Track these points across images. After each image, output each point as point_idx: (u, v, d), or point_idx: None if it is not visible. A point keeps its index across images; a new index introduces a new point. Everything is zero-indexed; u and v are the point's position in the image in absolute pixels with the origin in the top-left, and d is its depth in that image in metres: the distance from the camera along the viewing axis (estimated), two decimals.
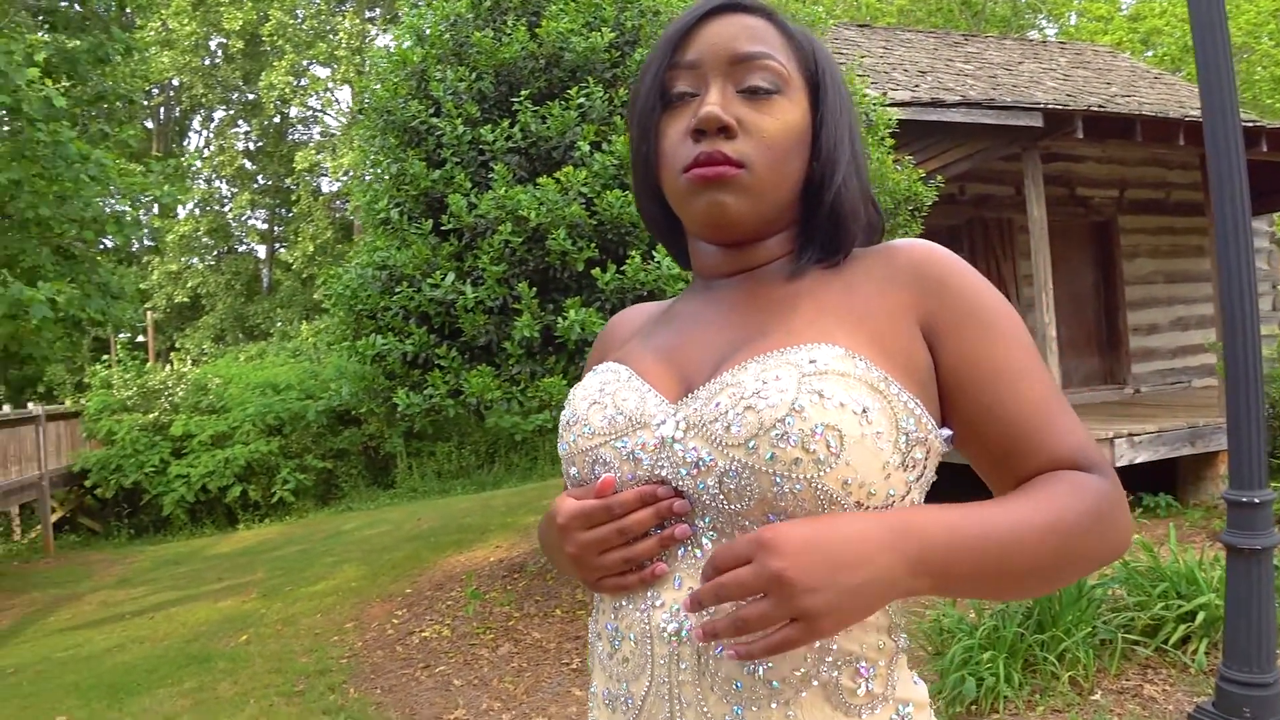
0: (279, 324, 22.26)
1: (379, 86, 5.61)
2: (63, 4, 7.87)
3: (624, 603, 0.86)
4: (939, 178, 5.79)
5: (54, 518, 13.38)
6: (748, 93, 0.87)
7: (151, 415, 14.08)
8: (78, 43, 7.88)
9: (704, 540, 0.82)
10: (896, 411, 0.79)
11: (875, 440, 0.77)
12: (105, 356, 17.12)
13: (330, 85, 21.73)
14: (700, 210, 0.88)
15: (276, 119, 23.73)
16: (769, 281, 0.92)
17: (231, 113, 24.43)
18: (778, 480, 0.77)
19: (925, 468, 0.83)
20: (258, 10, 20.27)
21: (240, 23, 19.92)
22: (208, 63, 22.37)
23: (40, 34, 7.89)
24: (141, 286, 21.90)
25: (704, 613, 0.79)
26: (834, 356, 0.79)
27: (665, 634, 0.82)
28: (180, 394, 14.56)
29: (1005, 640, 3.17)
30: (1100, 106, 6.68)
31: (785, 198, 0.89)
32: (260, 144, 24.54)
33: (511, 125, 5.20)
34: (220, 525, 13.54)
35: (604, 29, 5.15)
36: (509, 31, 5.27)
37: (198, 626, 6.84)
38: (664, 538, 0.83)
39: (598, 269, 4.75)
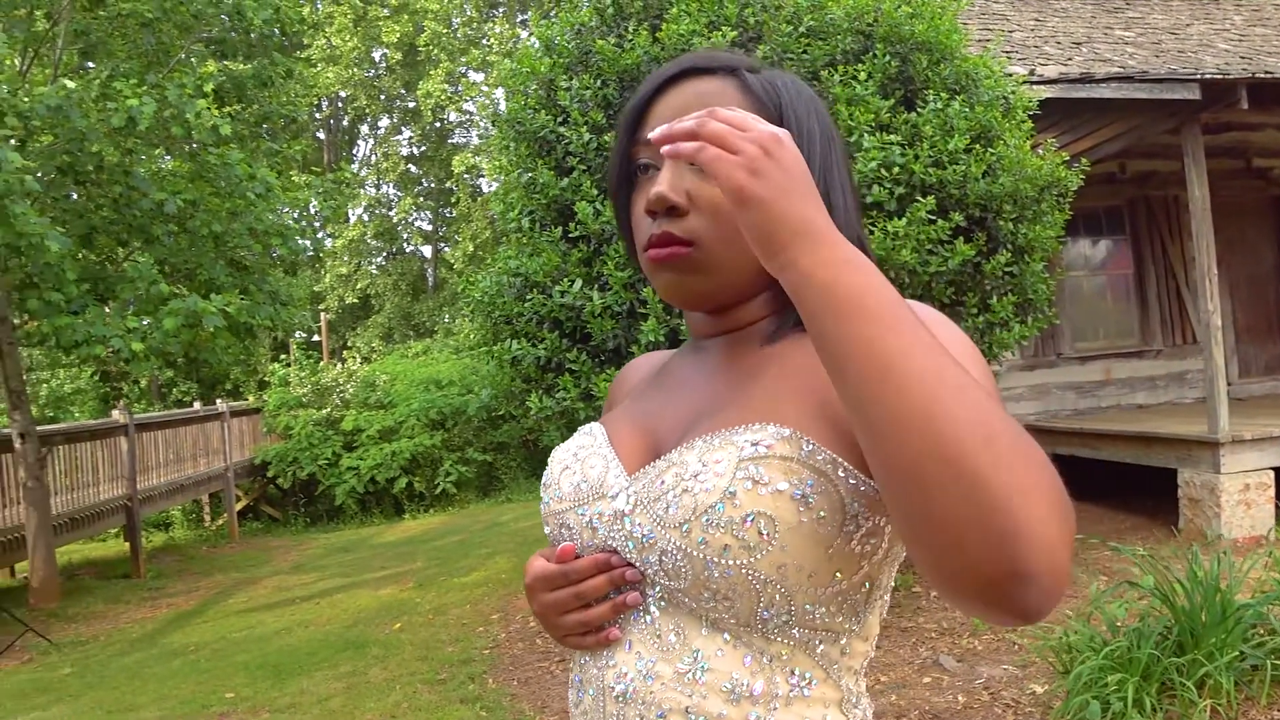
0: (444, 321, 23.29)
1: (503, 97, 5.76)
2: (231, 34, 8.51)
3: (586, 659, 0.89)
4: (1083, 161, 5.45)
5: (238, 506, 14.52)
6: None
7: (325, 411, 15.04)
8: (244, 68, 8.51)
9: (653, 608, 0.83)
10: (843, 495, 0.77)
11: (816, 526, 0.75)
12: (284, 356, 18.40)
13: (484, 89, 22.49)
14: (660, 288, 0.89)
15: (437, 124, 24.78)
16: (747, 345, 0.91)
17: (394, 121, 25.72)
18: (709, 564, 0.77)
19: (885, 547, 0.81)
20: (413, 22, 21.22)
21: (398, 35, 20.94)
22: (370, 74, 23.63)
23: (212, 62, 8.55)
24: (315, 289, 23.40)
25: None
26: (778, 438, 0.77)
27: (615, 693, 0.84)
28: (350, 390, 15.48)
29: (1138, 662, 2.98)
30: (1268, 72, 6.11)
31: (750, 263, 0.86)
32: (422, 149, 25.69)
33: None
34: (388, 515, 14.33)
35: (725, 28, 5.12)
36: (630, 37, 5.31)
37: (358, 613, 7.28)
38: (616, 604, 0.85)
39: None
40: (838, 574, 0.78)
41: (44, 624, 7.53)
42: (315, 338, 22.42)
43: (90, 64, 8.48)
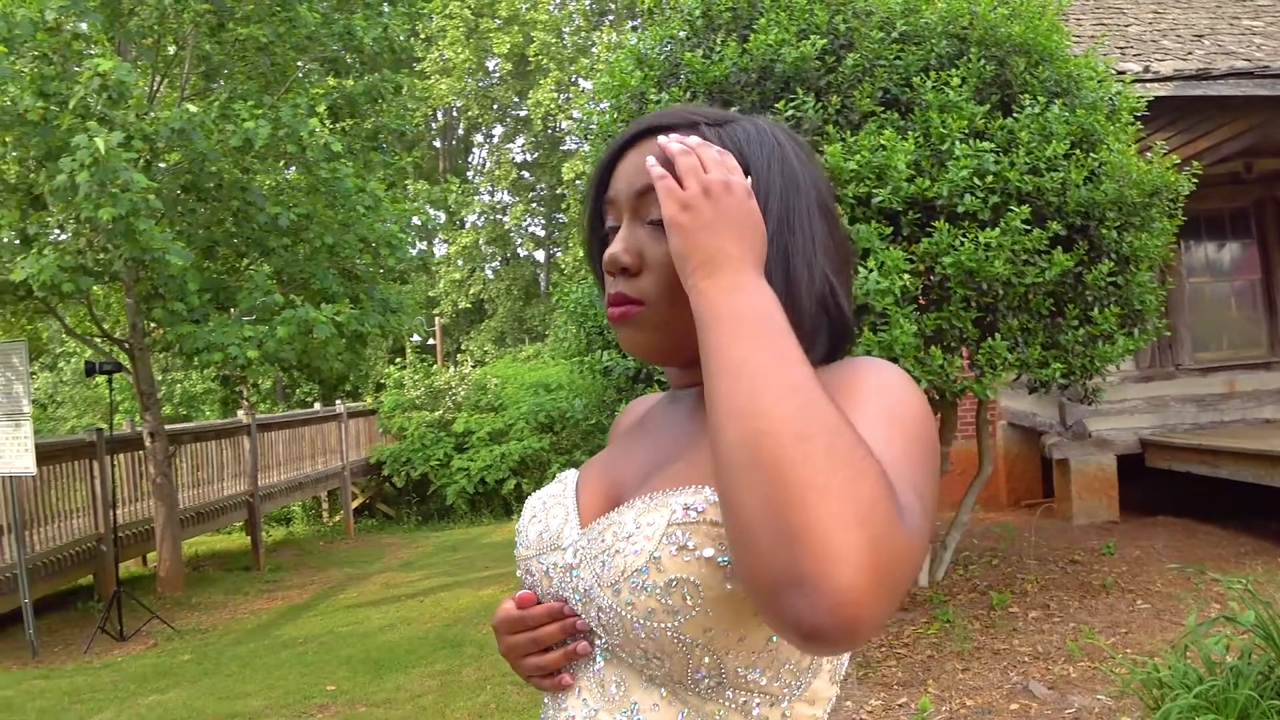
0: (555, 325, 23.70)
1: (594, 111, 5.83)
2: (343, 54, 8.89)
3: (548, 700, 0.92)
4: (1195, 164, 5.16)
5: (355, 504, 15.11)
6: (654, 223, 0.88)
7: (437, 413, 15.52)
8: (356, 85, 8.88)
9: (599, 658, 0.86)
10: None
11: (743, 593, 0.76)
12: (399, 360, 19.05)
13: (586, 103, 22.82)
14: (621, 343, 0.92)
15: (549, 131, 25.25)
16: None
17: (507, 129, 26.32)
18: (637, 625, 0.78)
19: None
20: (523, 33, 21.68)
21: (508, 46, 21.43)
22: (483, 84, 24.26)
23: (331, 79, 8.96)
24: (430, 294, 24.14)
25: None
26: (711, 503, 0.77)
27: None
28: (462, 393, 15.92)
29: (1234, 703, 2.80)
30: None
31: None
32: (534, 156, 26.22)
33: None
34: (497, 515, 14.66)
35: (815, 35, 5.06)
36: (719, 49, 5.30)
37: (459, 612, 7.49)
38: (568, 652, 0.87)
39: None
40: (771, 638, 0.78)
41: (169, 611, 8.01)
42: (430, 341, 23.13)
43: (214, 85, 8.99)
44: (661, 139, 0.84)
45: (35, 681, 6.10)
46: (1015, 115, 4.79)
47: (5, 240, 6.81)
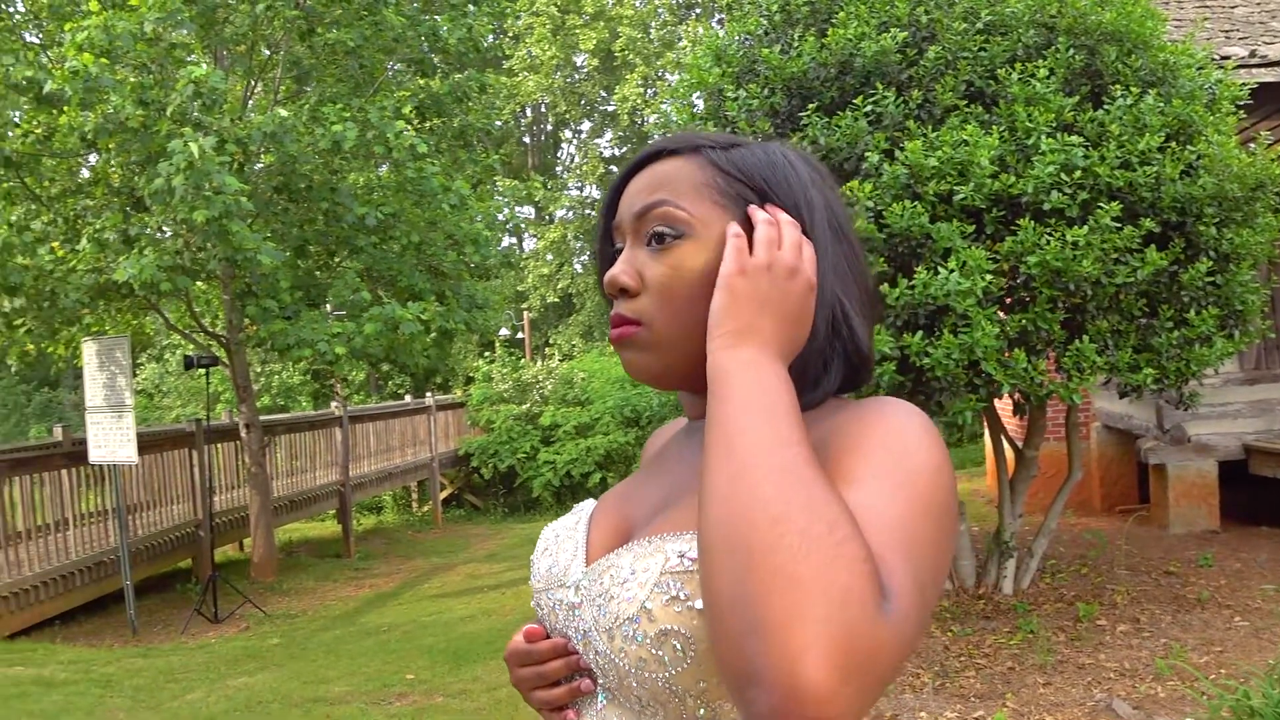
0: None
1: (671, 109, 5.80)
2: (429, 54, 9.08)
3: None
4: None
5: (444, 494, 15.44)
6: (653, 243, 0.86)
7: (524, 406, 15.73)
8: (441, 85, 9.05)
9: (601, 697, 0.85)
10: None
11: None
12: (488, 353, 19.37)
13: (668, 98, 22.81)
14: (623, 365, 0.90)
15: (636, 126, 25.29)
16: None
17: (595, 124, 26.47)
18: (629, 672, 0.77)
19: None
20: (609, 29, 21.75)
21: (594, 42, 21.53)
22: (571, 81, 24.44)
23: (420, 79, 9.16)
24: (519, 289, 24.47)
25: None
26: None
27: None
28: (549, 387, 16.11)
29: None
30: None
31: (699, 343, 0.85)
32: (622, 150, 26.30)
33: (801, 139, 5.15)
34: None
35: (895, 28, 4.94)
36: (797, 44, 5.22)
37: None
38: (572, 689, 0.87)
39: (886, 284, 4.58)
40: None
41: (261, 596, 8.32)
42: (519, 335, 23.44)
43: (306, 89, 9.27)
44: (752, 207, 0.83)
45: (134, 660, 6.41)
46: (1106, 107, 4.59)
47: (110, 240, 7.15)
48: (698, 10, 23.59)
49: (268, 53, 8.71)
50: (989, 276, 4.35)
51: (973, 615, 5.21)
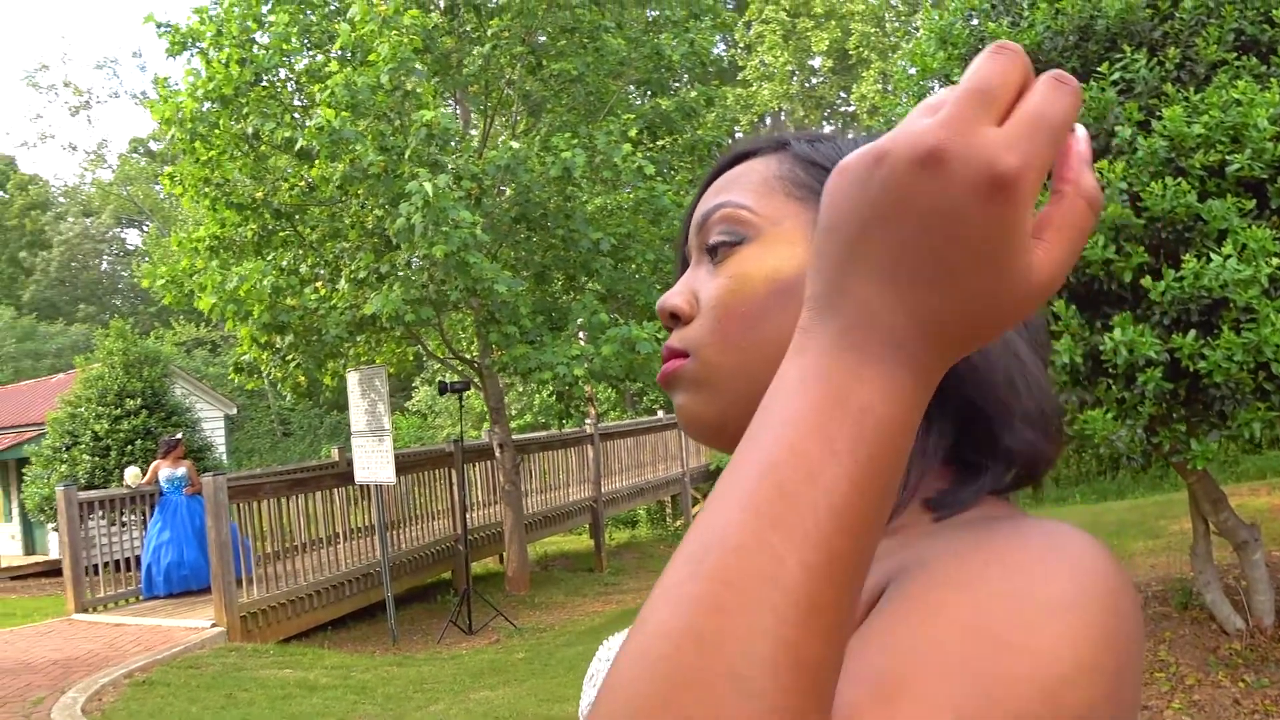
0: None
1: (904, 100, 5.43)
2: (655, 74, 9.19)
3: None
4: None
5: (694, 509, 15.52)
6: (711, 255, 0.67)
7: None
8: (667, 102, 9.12)
9: None
10: None
11: None
12: None
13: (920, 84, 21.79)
14: (677, 418, 0.69)
15: (883, 124, 24.46)
16: None
17: (834, 127, 25.89)
18: None
19: None
20: (841, 27, 21.14)
21: (827, 43, 20.99)
22: (808, 85, 24.00)
23: (641, 101, 9.30)
24: None
25: None
26: None
27: None
28: None
29: None
30: None
31: (767, 372, 0.62)
32: None
33: None
34: None
35: None
36: (1027, 13, 4.71)
37: None
38: None
39: (1148, 277, 4.01)
40: None
41: (513, 609, 8.67)
42: None
43: (539, 120, 9.68)
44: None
45: (390, 668, 6.86)
46: None
47: (365, 278, 7.78)
48: None
49: (506, 90, 9.18)
50: (1276, 260, 3.67)
51: (1271, 661, 4.40)
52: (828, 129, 26.42)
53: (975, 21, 5.22)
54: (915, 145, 0.36)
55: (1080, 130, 0.39)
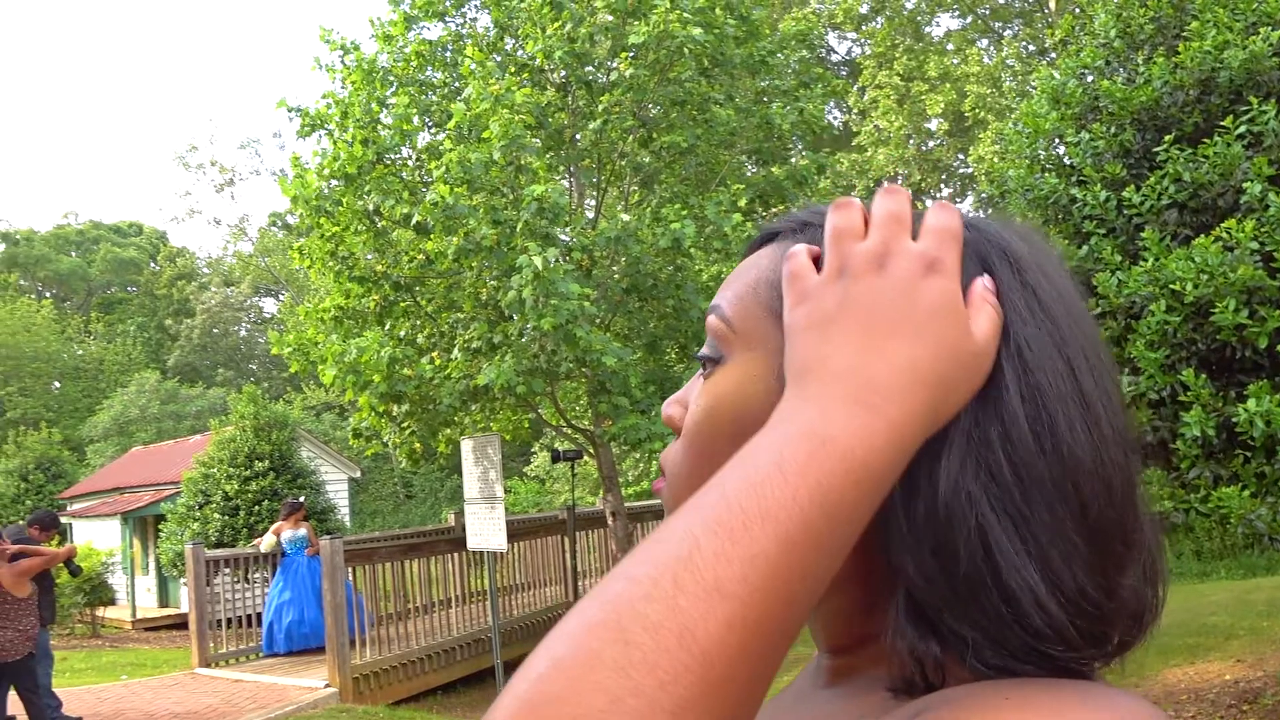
0: None
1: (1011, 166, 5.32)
2: (765, 144, 9.27)
3: None
4: None
5: None
6: (703, 366, 0.62)
7: None
8: (778, 170, 9.17)
9: None
10: None
11: None
12: None
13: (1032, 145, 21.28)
14: None
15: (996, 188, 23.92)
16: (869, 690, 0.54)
17: (953, 190, 25.46)
18: None
19: None
20: (956, 89, 20.85)
21: (941, 105, 20.71)
22: (925, 148, 23.72)
23: (751, 171, 9.38)
24: None
25: None
26: None
27: None
28: None
29: None
30: None
31: None
32: (987, 212, 25.01)
33: (1161, 178, 4.46)
34: None
35: (1265, 28, 4.14)
36: (1142, 69, 4.57)
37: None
38: None
39: None
40: None
41: None
42: None
43: (651, 192, 9.85)
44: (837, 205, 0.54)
45: None
46: None
47: (478, 348, 8.01)
48: (1052, 55, 21.91)
49: (620, 161, 9.41)
50: None
51: None
52: (945, 193, 25.99)
53: (1090, 78, 5.09)
54: (868, 255, 0.49)
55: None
